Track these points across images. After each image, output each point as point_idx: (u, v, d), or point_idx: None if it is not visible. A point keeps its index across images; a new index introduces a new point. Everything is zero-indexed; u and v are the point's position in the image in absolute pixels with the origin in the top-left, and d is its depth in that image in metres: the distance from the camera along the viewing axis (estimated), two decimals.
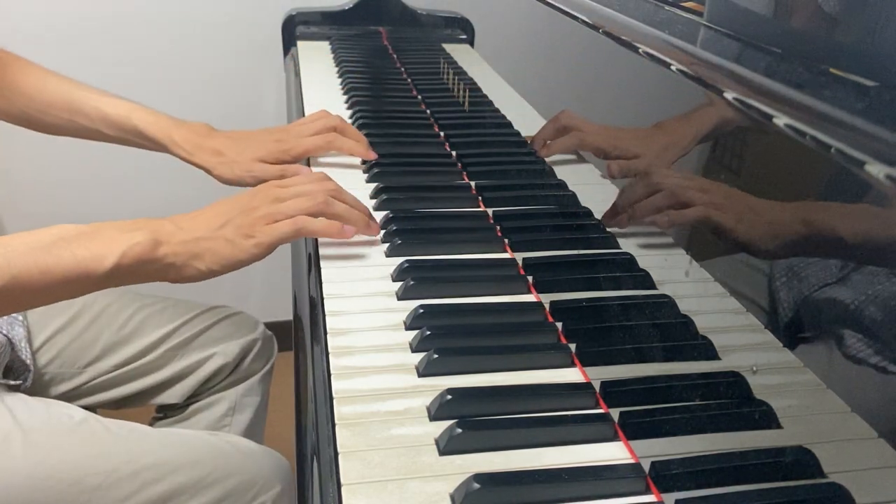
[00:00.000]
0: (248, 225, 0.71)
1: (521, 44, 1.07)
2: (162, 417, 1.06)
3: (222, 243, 0.70)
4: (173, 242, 0.68)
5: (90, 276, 0.64)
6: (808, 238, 0.46)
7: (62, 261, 0.63)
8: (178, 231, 0.69)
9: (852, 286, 0.41)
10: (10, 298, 0.63)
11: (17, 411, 0.80)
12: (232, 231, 0.70)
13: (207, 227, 0.70)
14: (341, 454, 0.51)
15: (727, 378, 0.52)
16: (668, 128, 0.61)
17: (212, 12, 1.62)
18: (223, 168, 0.90)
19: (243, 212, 0.72)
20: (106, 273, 0.65)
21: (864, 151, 0.36)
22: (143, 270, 0.67)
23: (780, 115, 0.43)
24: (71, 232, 0.65)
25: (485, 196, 0.85)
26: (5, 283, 0.61)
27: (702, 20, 0.61)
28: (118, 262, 0.65)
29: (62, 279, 0.63)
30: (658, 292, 0.63)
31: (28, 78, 0.96)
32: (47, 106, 0.95)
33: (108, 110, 0.94)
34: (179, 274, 0.69)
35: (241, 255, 0.70)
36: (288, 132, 0.94)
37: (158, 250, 0.67)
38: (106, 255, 0.64)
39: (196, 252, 0.69)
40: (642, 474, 0.50)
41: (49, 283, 0.63)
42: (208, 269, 0.69)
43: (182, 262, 0.68)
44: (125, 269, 0.66)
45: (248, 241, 0.70)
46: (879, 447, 0.41)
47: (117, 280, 0.66)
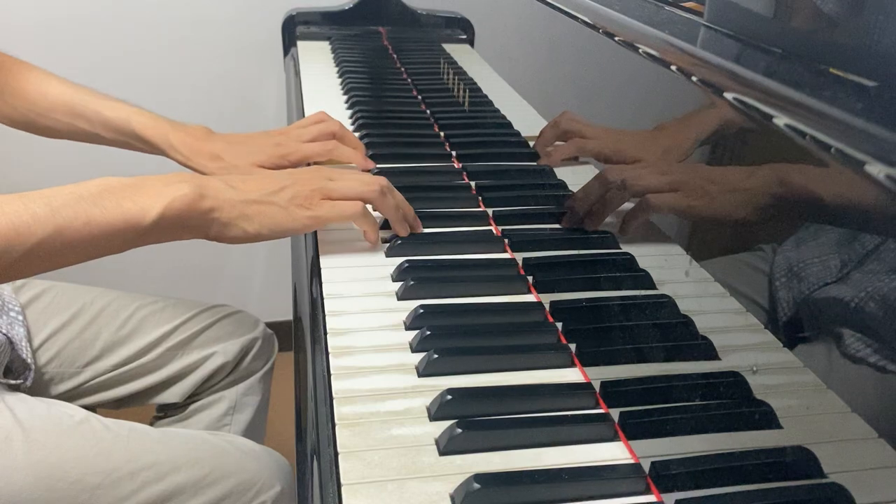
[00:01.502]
0: (304, 196, 0.71)
1: (521, 44, 1.07)
2: (162, 417, 1.06)
3: (276, 209, 0.70)
4: (221, 198, 0.68)
5: (134, 228, 0.65)
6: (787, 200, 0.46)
7: (107, 212, 0.63)
8: (227, 189, 0.69)
9: (853, 284, 0.41)
10: (52, 251, 0.62)
11: (17, 410, 0.80)
12: (286, 198, 0.71)
13: (262, 189, 0.71)
14: (341, 454, 0.51)
15: (727, 378, 0.52)
16: (669, 131, 0.61)
17: (212, 12, 1.62)
18: (221, 173, 0.90)
19: (300, 182, 0.72)
20: (150, 225, 0.65)
21: (864, 151, 0.36)
22: (187, 223, 0.67)
23: (780, 115, 0.43)
24: (115, 183, 0.66)
25: (485, 196, 0.85)
26: (49, 233, 0.61)
27: (702, 20, 0.61)
28: (162, 213, 0.65)
29: (106, 231, 0.64)
30: (658, 292, 0.63)
31: (29, 82, 0.96)
32: (48, 110, 0.95)
33: (107, 114, 0.94)
34: (223, 232, 0.69)
35: (293, 223, 0.71)
36: (287, 136, 0.94)
37: (203, 203, 0.67)
38: (151, 207, 0.65)
39: (246, 213, 0.69)
40: (642, 474, 0.50)
41: (93, 234, 0.63)
42: (256, 232, 0.70)
43: (227, 220, 0.69)
44: (168, 220, 0.66)
45: (304, 211, 0.71)
46: (879, 447, 0.41)
47: (160, 233, 0.66)
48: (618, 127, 0.73)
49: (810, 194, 0.45)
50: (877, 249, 0.40)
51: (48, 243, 0.61)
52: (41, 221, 0.61)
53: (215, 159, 0.91)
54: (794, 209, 0.47)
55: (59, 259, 0.65)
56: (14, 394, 0.84)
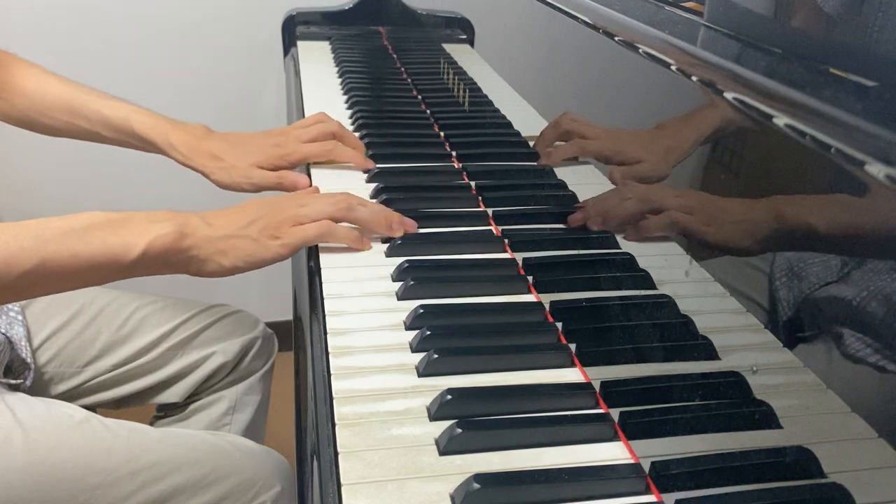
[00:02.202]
0: (273, 226, 0.73)
1: (521, 44, 1.07)
2: (162, 416, 1.06)
3: (248, 242, 0.72)
4: (199, 236, 0.70)
5: (117, 263, 0.67)
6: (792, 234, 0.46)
7: (91, 247, 0.65)
8: (204, 226, 0.71)
9: (854, 283, 0.41)
10: (38, 281, 0.65)
11: (17, 410, 0.80)
12: (258, 230, 0.72)
13: (234, 224, 0.72)
14: (341, 454, 0.51)
15: (727, 378, 0.52)
16: (670, 130, 0.61)
17: (212, 12, 1.62)
18: (221, 173, 0.91)
19: (269, 213, 0.73)
20: (133, 261, 0.67)
21: (864, 151, 0.36)
22: (168, 261, 0.69)
23: (780, 115, 0.43)
24: (101, 219, 0.68)
25: (485, 196, 0.85)
26: (35, 265, 0.63)
27: (702, 20, 0.61)
28: (145, 250, 0.67)
29: (90, 265, 0.66)
30: (658, 292, 0.63)
31: (29, 80, 0.96)
32: (47, 108, 0.96)
33: (107, 113, 0.94)
34: (201, 268, 0.71)
35: (265, 253, 0.72)
36: (287, 136, 0.94)
37: (183, 242, 0.69)
38: (135, 244, 0.67)
39: (222, 248, 0.71)
40: (642, 474, 0.50)
41: (77, 267, 0.65)
42: (232, 266, 0.71)
43: (205, 257, 0.70)
44: (151, 258, 0.68)
45: (274, 241, 0.72)
46: (879, 447, 0.41)
47: (142, 268, 0.68)
48: (618, 127, 0.73)
49: (808, 211, 0.45)
50: (877, 249, 0.40)
51: (34, 274, 0.63)
52: (28, 253, 0.63)
53: (215, 159, 0.91)
54: (793, 226, 0.47)
55: (44, 289, 0.68)
56: (14, 394, 0.84)
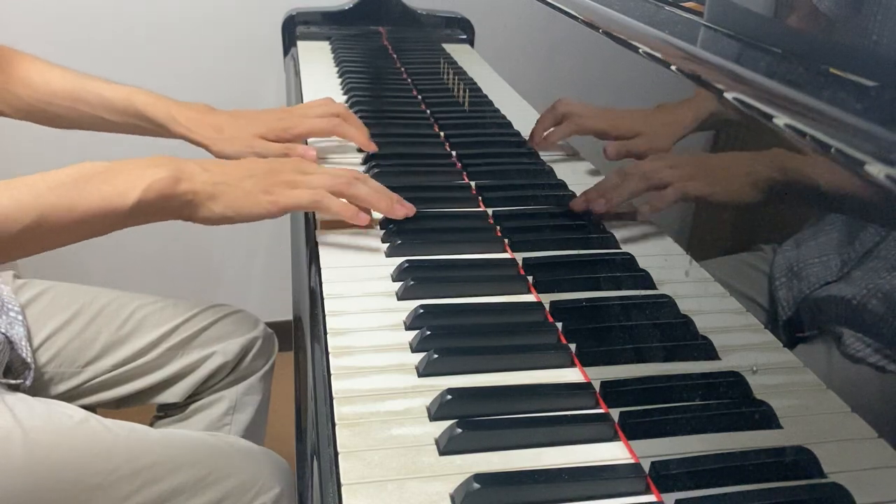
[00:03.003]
0: (269, 183, 0.73)
1: (521, 44, 1.07)
2: (162, 416, 1.06)
3: (240, 192, 0.72)
4: (195, 181, 0.70)
5: (115, 212, 0.67)
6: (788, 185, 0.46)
7: (88, 197, 0.65)
8: (201, 171, 0.71)
9: (853, 283, 0.41)
10: (36, 236, 0.64)
11: (17, 410, 0.80)
12: (252, 184, 0.72)
13: (230, 174, 0.72)
14: (341, 454, 0.51)
15: (727, 378, 0.52)
16: (669, 107, 0.61)
17: (212, 12, 1.62)
18: (224, 144, 0.91)
19: (268, 171, 0.74)
20: (130, 208, 0.67)
21: (864, 151, 0.36)
22: (165, 206, 0.69)
23: (780, 115, 0.43)
24: (95, 168, 0.68)
25: (485, 196, 0.85)
26: (33, 219, 0.63)
27: (702, 20, 0.61)
28: (141, 196, 0.67)
29: (88, 215, 0.66)
30: (658, 292, 0.63)
31: (32, 72, 0.97)
32: (51, 97, 0.96)
33: (108, 95, 0.94)
34: (194, 213, 0.71)
35: (255, 208, 0.72)
36: (291, 112, 0.95)
37: (179, 186, 0.69)
38: (130, 191, 0.67)
39: (213, 193, 0.71)
40: (642, 474, 0.50)
41: (75, 219, 0.65)
42: (221, 214, 0.71)
43: (199, 201, 0.70)
44: (147, 204, 0.68)
45: (266, 196, 0.72)
46: (879, 447, 0.41)
47: (139, 215, 0.68)
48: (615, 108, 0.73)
49: (810, 194, 0.45)
50: (876, 248, 0.40)
51: (33, 229, 0.63)
52: (25, 208, 0.63)
53: (217, 130, 0.91)
54: (795, 209, 0.47)
55: (44, 243, 0.67)
56: (14, 394, 0.84)
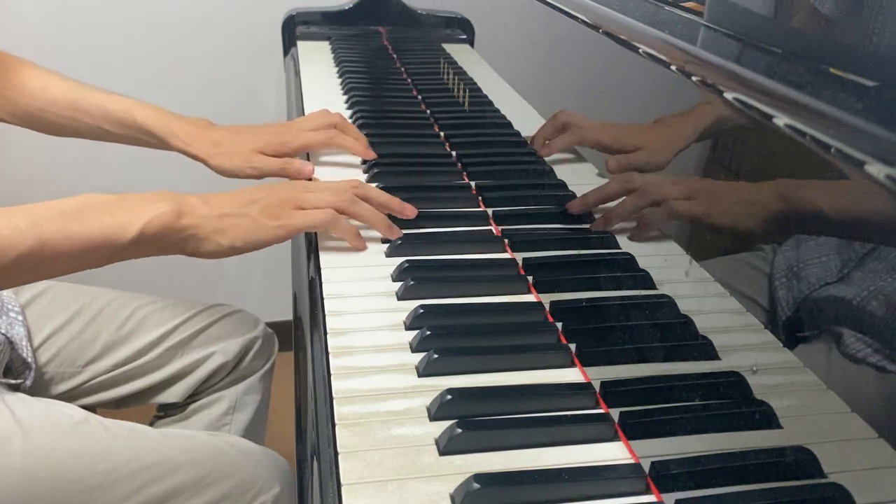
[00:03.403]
0: (275, 206, 0.72)
1: (521, 44, 1.07)
2: (162, 416, 1.06)
3: (247, 221, 0.71)
4: (197, 215, 0.69)
5: (115, 244, 0.66)
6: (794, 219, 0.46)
7: (88, 227, 0.65)
8: (202, 205, 0.70)
9: (854, 284, 0.41)
10: (34, 264, 0.64)
11: (16, 410, 0.80)
12: (258, 211, 0.72)
13: (234, 204, 0.72)
14: (341, 454, 0.51)
15: (727, 378, 0.52)
16: (669, 122, 0.61)
17: (212, 12, 1.62)
18: (221, 158, 0.91)
19: (271, 195, 0.73)
20: (130, 241, 0.66)
21: (864, 151, 0.36)
22: (165, 241, 0.69)
23: (780, 115, 0.43)
24: (98, 200, 0.67)
25: (485, 196, 0.85)
26: (31, 246, 0.63)
27: (702, 20, 0.61)
28: (142, 230, 0.67)
29: (87, 245, 0.65)
30: (658, 292, 0.63)
31: (31, 79, 0.96)
32: (50, 105, 0.96)
33: (109, 106, 0.94)
34: (198, 247, 0.70)
35: (264, 234, 0.71)
36: (288, 127, 0.94)
37: (181, 221, 0.68)
38: (131, 223, 0.66)
39: (220, 227, 0.70)
40: (642, 474, 0.50)
41: (74, 248, 0.65)
42: (230, 245, 0.71)
43: (203, 236, 0.70)
44: (148, 237, 0.67)
45: (274, 221, 0.72)
46: (879, 447, 0.41)
47: (139, 249, 0.68)
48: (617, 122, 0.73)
49: (810, 194, 0.45)
50: (877, 249, 0.40)
51: (30, 256, 0.63)
52: (24, 235, 0.63)
53: (216, 145, 0.91)
54: (795, 209, 0.47)
55: (41, 272, 0.67)
56: (13, 394, 0.84)
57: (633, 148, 0.67)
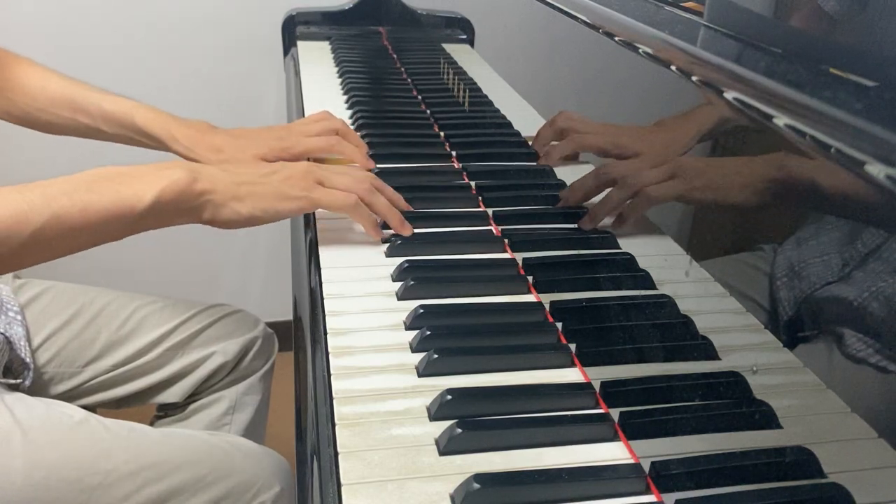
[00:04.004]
0: (297, 178, 0.72)
1: (521, 44, 1.07)
2: (162, 416, 1.06)
3: (268, 188, 0.70)
4: (214, 181, 0.69)
5: (130, 213, 0.66)
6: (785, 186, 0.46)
7: (103, 198, 0.65)
8: (220, 172, 0.70)
9: (855, 283, 0.41)
10: (51, 238, 0.63)
11: (16, 410, 0.80)
12: (280, 180, 0.71)
13: (253, 173, 0.71)
14: (341, 454, 0.51)
15: (727, 378, 0.52)
16: (669, 125, 0.61)
17: (212, 12, 1.62)
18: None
19: (293, 168, 0.72)
20: (145, 209, 0.66)
21: (864, 151, 0.36)
22: (182, 207, 0.68)
23: (780, 115, 0.43)
24: (111, 171, 0.67)
25: (485, 196, 0.85)
26: (46, 220, 0.62)
27: (702, 20, 0.61)
28: (158, 197, 0.66)
29: (103, 217, 0.65)
30: (658, 292, 0.63)
31: (30, 77, 0.96)
32: (49, 104, 0.95)
33: (109, 108, 0.94)
34: (216, 214, 0.70)
35: (287, 203, 0.71)
36: (290, 131, 0.94)
37: (196, 186, 0.68)
38: (146, 191, 0.66)
39: (238, 194, 0.69)
40: (642, 474, 0.50)
41: (89, 220, 0.64)
42: (249, 214, 0.70)
43: (221, 202, 0.69)
44: (164, 204, 0.67)
45: (297, 191, 0.71)
46: (879, 447, 0.41)
47: (156, 218, 0.67)
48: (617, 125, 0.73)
49: (810, 195, 0.45)
50: (878, 249, 0.40)
51: (46, 231, 0.62)
52: (38, 209, 0.62)
53: (217, 151, 0.91)
54: (795, 210, 0.47)
55: (59, 247, 0.66)
56: (13, 394, 0.84)
57: (633, 153, 0.68)
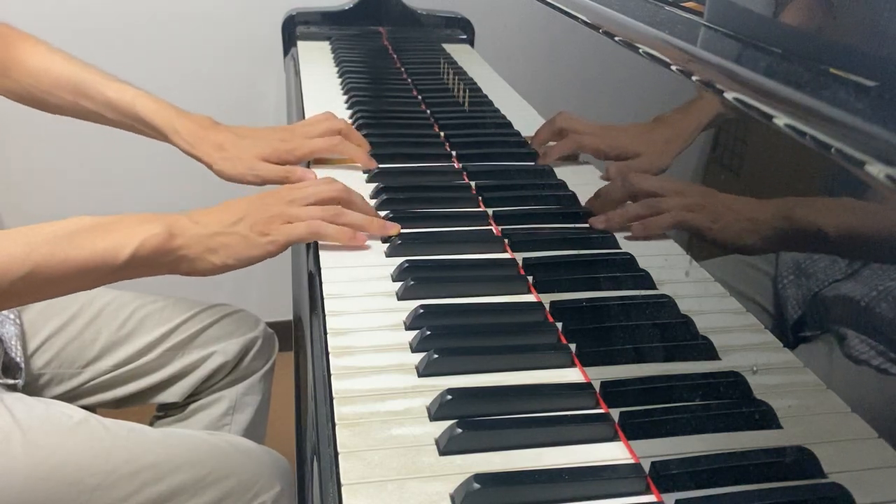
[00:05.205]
0: (263, 223, 0.73)
1: (521, 44, 1.07)
2: (162, 416, 1.06)
3: (237, 238, 0.72)
4: (188, 235, 0.70)
5: (108, 266, 0.67)
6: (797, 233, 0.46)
7: (82, 251, 0.66)
8: (193, 225, 0.71)
9: (862, 282, 0.40)
10: (30, 288, 0.65)
11: (16, 411, 0.80)
12: (246, 228, 0.72)
13: (222, 222, 0.72)
14: (341, 454, 0.51)
15: (727, 378, 0.52)
16: (669, 121, 0.61)
17: (212, 12, 1.62)
18: (225, 164, 0.90)
19: (258, 210, 0.74)
20: (123, 263, 0.67)
21: (864, 151, 0.36)
22: (158, 262, 0.69)
23: (780, 115, 0.43)
24: (90, 223, 0.68)
25: (485, 196, 0.85)
26: (26, 272, 0.64)
27: (702, 20, 0.61)
28: (135, 252, 0.67)
29: (81, 268, 0.66)
30: (658, 292, 0.63)
31: (33, 57, 0.96)
32: (52, 86, 0.96)
33: (112, 95, 0.94)
34: (192, 266, 0.71)
35: (255, 251, 0.72)
36: (293, 132, 0.94)
37: (173, 242, 0.69)
38: (124, 246, 0.67)
39: (210, 246, 0.71)
40: (642, 474, 0.50)
41: (68, 271, 0.66)
42: (223, 263, 0.72)
43: (195, 255, 0.71)
44: (141, 259, 0.68)
45: (263, 238, 0.73)
46: (879, 447, 0.41)
47: (132, 270, 0.69)
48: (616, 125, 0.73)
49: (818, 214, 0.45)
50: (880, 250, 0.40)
51: (25, 281, 0.64)
52: (18, 261, 0.64)
53: (219, 149, 0.91)
54: (801, 227, 0.47)
55: (37, 295, 0.69)
56: (12, 394, 0.84)
57: (632, 153, 0.67)
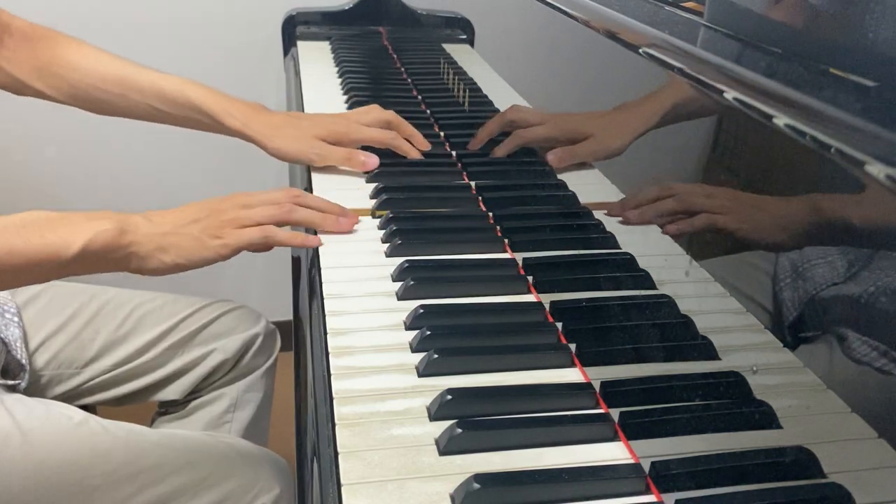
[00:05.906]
0: (216, 226, 0.74)
1: (521, 44, 1.07)
2: (163, 413, 1.06)
3: (189, 239, 0.72)
4: (139, 233, 0.71)
5: (57, 260, 0.67)
6: (819, 228, 0.46)
7: (30, 244, 0.66)
8: (145, 223, 0.72)
9: (861, 283, 0.40)
10: None
11: (16, 412, 0.80)
12: (199, 229, 0.73)
13: (176, 223, 0.73)
14: (341, 454, 0.51)
15: (727, 378, 0.53)
16: (628, 105, 0.61)
17: (212, 12, 1.62)
18: (282, 141, 0.90)
19: (212, 214, 0.74)
20: (72, 257, 0.67)
21: (864, 151, 0.36)
22: (108, 257, 0.69)
23: (780, 115, 0.43)
24: (41, 217, 0.68)
25: (485, 196, 0.85)
26: None
27: (702, 20, 0.61)
28: (85, 246, 0.67)
29: (29, 261, 0.66)
30: (658, 292, 0.63)
31: (79, 54, 0.96)
32: (100, 80, 0.95)
33: (161, 84, 0.94)
34: (142, 264, 0.72)
35: (206, 252, 0.73)
36: (347, 118, 0.94)
37: (124, 238, 0.69)
38: (74, 240, 0.67)
39: (162, 245, 0.71)
40: (642, 474, 0.50)
41: (14, 264, 0.66)
42: (173, 263, 0.72)
43: (146, 253, 0.71)
44: (91, 254, 0.68)
45: (216, 241, 0.73)
46: (879, 447, 0.41)
47: (81, 265, 0.69)
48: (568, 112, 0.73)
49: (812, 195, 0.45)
50: (882, 250, 0.40)
51: None
52: None
53: (274, 128, 0.91)
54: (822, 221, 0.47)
55: None
56: (12, 395, 0.84)
57: (581, 137, 0.67)
